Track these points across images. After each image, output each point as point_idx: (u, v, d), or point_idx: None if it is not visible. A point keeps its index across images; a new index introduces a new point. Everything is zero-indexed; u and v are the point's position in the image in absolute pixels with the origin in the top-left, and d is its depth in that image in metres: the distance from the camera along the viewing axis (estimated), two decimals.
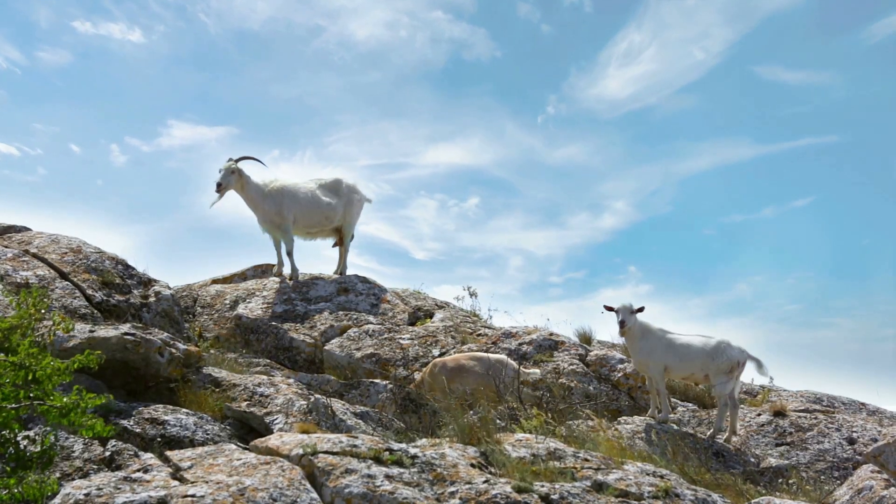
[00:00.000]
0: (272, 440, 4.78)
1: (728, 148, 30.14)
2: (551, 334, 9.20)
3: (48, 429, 3.92)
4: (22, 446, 3.77)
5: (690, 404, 8.31)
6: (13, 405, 3.57)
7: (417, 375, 7.95)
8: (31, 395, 3.62)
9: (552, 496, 4.34)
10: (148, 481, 3.89)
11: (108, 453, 4.49)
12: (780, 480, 6.49)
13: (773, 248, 29.92)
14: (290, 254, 10.03)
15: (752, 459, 7.00)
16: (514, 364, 7.49)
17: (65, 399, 3.59)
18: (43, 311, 4.06)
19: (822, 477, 6.71)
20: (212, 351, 7.73)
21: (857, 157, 29.97)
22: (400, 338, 8.95)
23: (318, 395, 6.25)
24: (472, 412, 6.11)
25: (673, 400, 8.22)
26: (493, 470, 4.68)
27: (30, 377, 3.64)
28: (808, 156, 30.50)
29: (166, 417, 5.13)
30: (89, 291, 7.03)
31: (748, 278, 28.75)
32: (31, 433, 4.07)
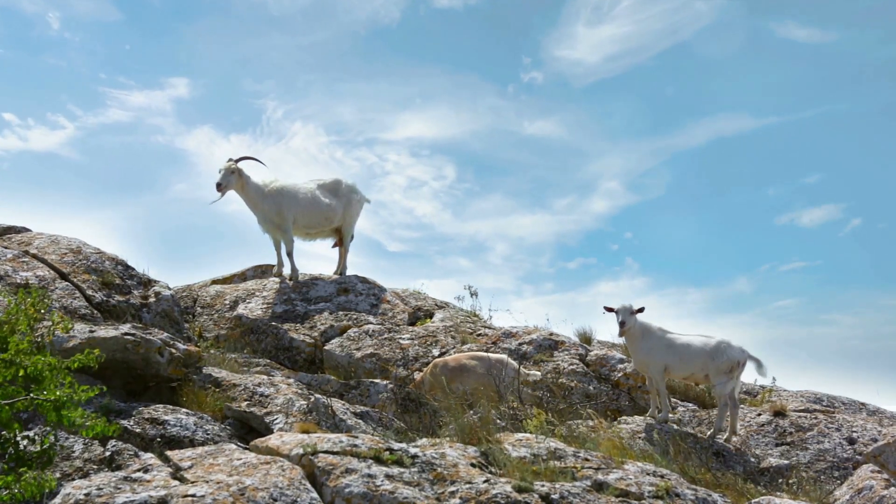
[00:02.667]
0: (272, 440, 4.78)
1: (726, 121, 27.54)
2: (551, 334, 9.20)
3: (48, 429, 3.92)
4: (22, 446, 3.77)
5: (690, 404, 8.31)
6: (6, 401, 3.57)
7: (417, 375, 7.95)
8: (32, 394, 3.62)
9: (553, 496, 4.34)
10: (148, 481, 3.89)
11: (108, 453, 4.49)
12: (780, 480, 6.50)
13: (777, 232, 28.00)
14: (289, 254, 10.04)
15: (753, 459, 7.00)
16: (515, 364, 7.49)
17: (58, 392, 3.58)
18: (42, 311, 4.06)
19: (823, 477, 6.71)
20: (212, 351, 7.73)
21: (871, 127, 27.26)
22: (400, 338, 8.94)
23: (318, 395, 6.25)
24: (472, 412, 6.11)
25: (673, 400, 8.22)
26: (493, 469, 4.68)
27: (21, 374, 3.64)
28: (819, 127, 27.73)
29: (166, 417, 5.13)
30: (89, 292, 7.03)
31: (748, 272, 27.76)
32: (31, 433, 4.07)
